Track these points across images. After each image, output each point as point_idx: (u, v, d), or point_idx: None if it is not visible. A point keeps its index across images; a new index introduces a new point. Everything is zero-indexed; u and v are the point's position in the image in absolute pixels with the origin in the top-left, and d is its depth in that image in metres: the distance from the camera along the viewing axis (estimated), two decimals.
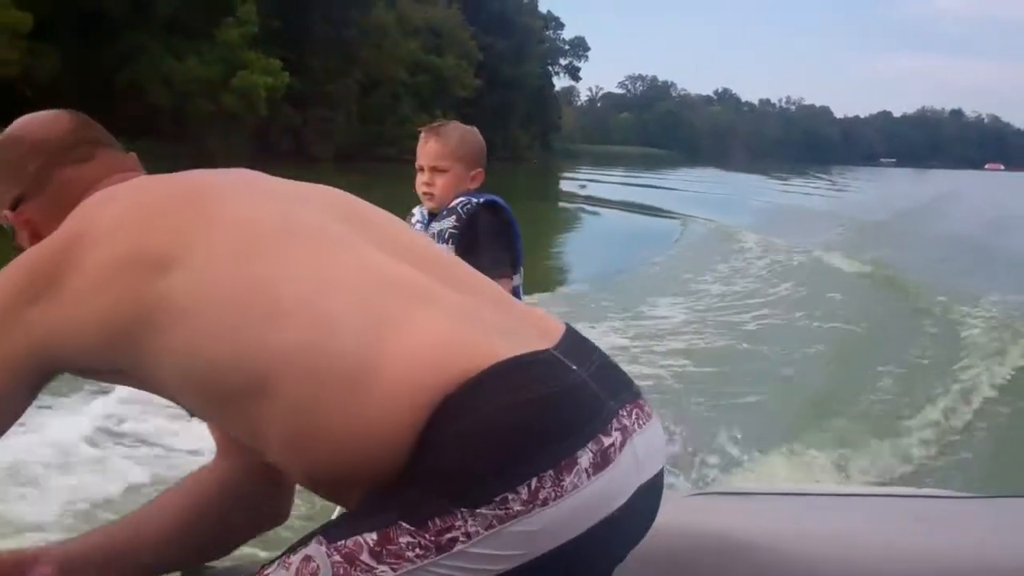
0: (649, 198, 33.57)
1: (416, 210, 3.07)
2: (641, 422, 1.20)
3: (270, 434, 1.17)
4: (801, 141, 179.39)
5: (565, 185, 48.85)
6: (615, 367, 1.27)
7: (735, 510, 2.03)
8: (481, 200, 2.95)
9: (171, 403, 1.30)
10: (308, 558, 1.11)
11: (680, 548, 1.71)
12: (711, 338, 9.29)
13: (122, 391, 5.12)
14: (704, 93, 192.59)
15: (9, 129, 1.44)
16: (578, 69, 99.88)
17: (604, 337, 8.60)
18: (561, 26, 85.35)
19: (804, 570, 1.71)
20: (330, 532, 1.11)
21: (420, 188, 2.99)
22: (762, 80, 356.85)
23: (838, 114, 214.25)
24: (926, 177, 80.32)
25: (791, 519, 1.97)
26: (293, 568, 1.11)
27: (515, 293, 2.91)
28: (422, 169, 2.98)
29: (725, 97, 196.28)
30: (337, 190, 1.40)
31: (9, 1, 36.74)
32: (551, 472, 1.08)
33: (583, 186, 44.41)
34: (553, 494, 1.08)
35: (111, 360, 1.21)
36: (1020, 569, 1.69)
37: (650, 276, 13.74)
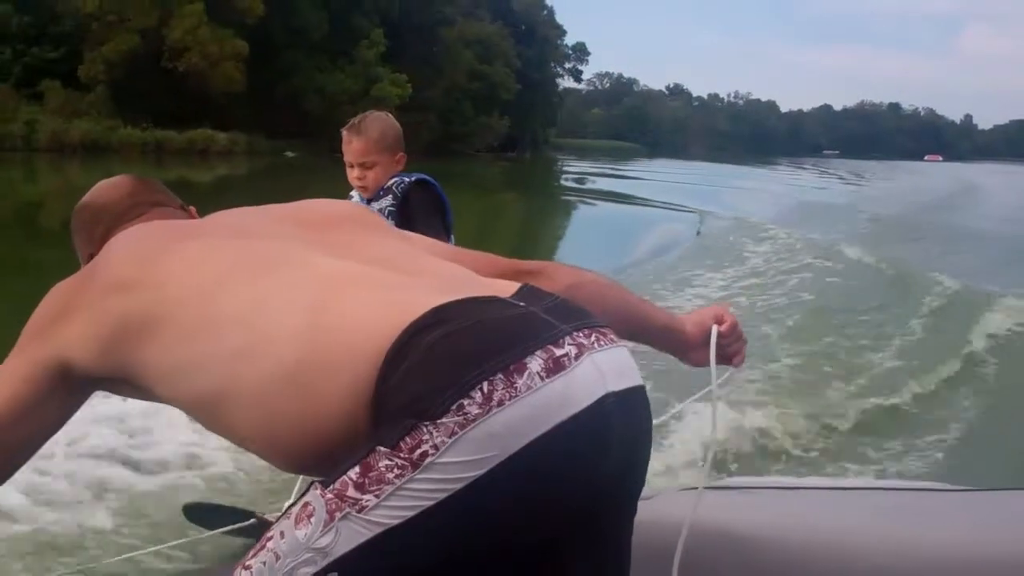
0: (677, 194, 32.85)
1: (354, 194, 3.36)
2: (601, 343, 1.30)
3: (244, 433, 1.34)
4: (750, 134, 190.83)
5: (565, 180, 52.43)
6: (577, 306, 1.37)
7: (726, 504, 2.07)
8: (413, 179, 3.26)
9: None
10: (306, 504, 1.22)
11: (671, 543, 1.76)
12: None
13: None
14: (657, 88, 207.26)
15: (84, 197, 1.76)
16: (580, 72, 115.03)
17: None
18: (564, 33, 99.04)
19: (797, 561, 1.82)
20: (325, 480, 1.22)
21: (354, 183, 3.29)
22: (710, 76, 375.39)
23: (783, 108, 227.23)
24: (895, 167, 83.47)
25: (785, 512, 2.06)
26: (294, 515, 1.23)
27: None
28: (351, 165, 3.27)
29: (677, 92, 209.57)
30: (325, 205, 1.66)
31: (232, 32, 49.69)
32: (501, 376, 1.17)
33: (582, 181, 48.88)
34: (507, 395, 1.17)
35: (110, 369, 1.41)
36: (1009, 560, 1.76)
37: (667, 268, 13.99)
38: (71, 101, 46.78)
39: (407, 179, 3.26)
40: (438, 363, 1.19)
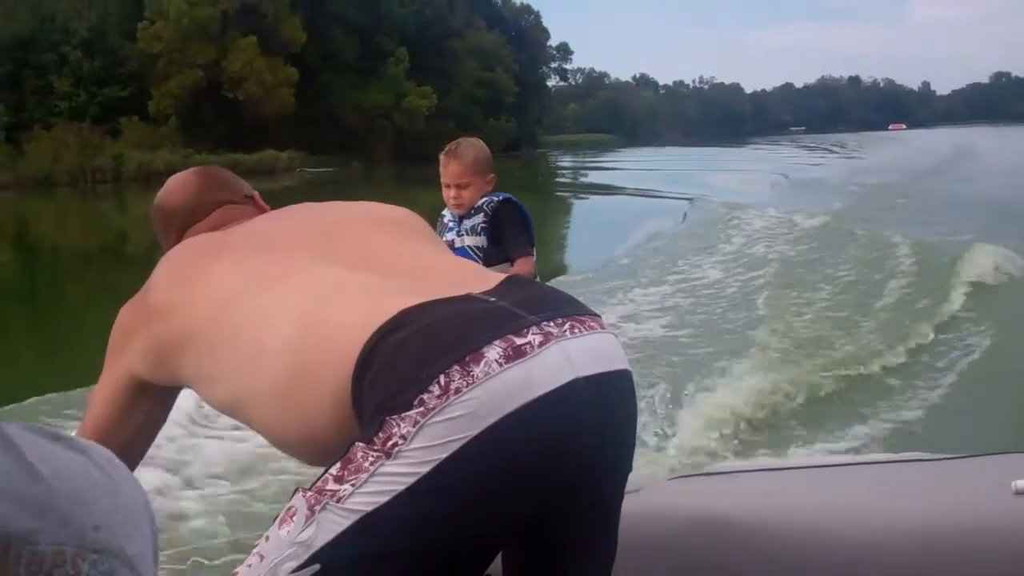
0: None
1: (446, 212, 3.79)
2: (575, 331, 1.37)
3: (261, 431, 1.54)
4: (719, 117, 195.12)
5: (565, 177, 53.26)
6: (557, 297, 1.48)
7: (714, 490, 2.11)
8: (500, 198, 3.67)
9: None
10: (290, 507, 1.31)
11: (662, 531, 1.84)
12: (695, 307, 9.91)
13: None
14: (625, 79, 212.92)
15: (157, 198, 1.95)
16: (566, 71, 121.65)
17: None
18: (549, 35, 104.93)
19: (784, 544, 1.84)
20: (308, 483, 1.32)
21: (449, 201, 3.68)
22: (674, 63, 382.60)
23: (748, 89, 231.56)
24: (865, 138, 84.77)
25: (769, 495, 2.09)
26: (279, 520, 1.32)
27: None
28: (448, 186, 3.66)
29: (644, 82, 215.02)
30: (345, 208, 1.82)
31: (282, 61, 55.17)
32: (457, 367, 1.26)
33: (577, 174, 51.26)
34: (464, 383, 1.26)
35: (167, 380, 1.64)
36: (994, 527, 1.78)
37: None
38: (147, 134, 52.05)
39: (495, 199, 3.64)
40: (400, 364, 1.30)
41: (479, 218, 3.66)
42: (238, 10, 54.82)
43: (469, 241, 3.65)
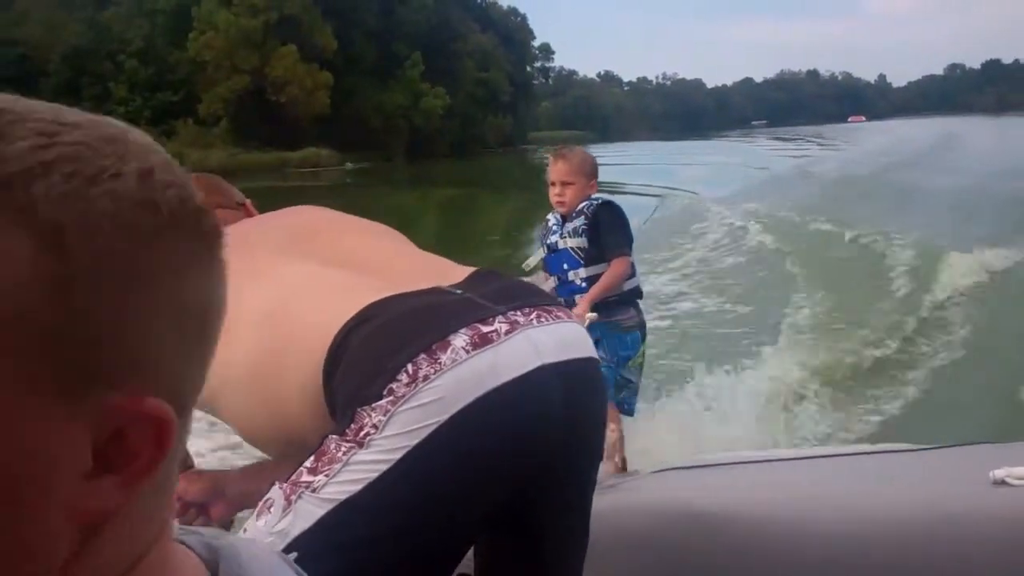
0: None
1: (550, 216, 4.03)
2: (542, 320, 1.42)
3: (237, 429, 1.56)
4: (682, 112, 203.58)
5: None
6: (526, 288, 1.54)
7: (697, 482, 2.13)
8: (600, 202, 3.94)
9: None
10: (267, 499, 1.35)
11: (647, 524, 1.84)
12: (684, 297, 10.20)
13: None
14: (590, 76, 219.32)
15: None
16: (549, 70, 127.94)
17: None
18: (534, 36, 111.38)
19: (767, 535, 1.86)
20: (285, 476, 1.36)
21: (554, 198, 3.91)
22: (637, 60, 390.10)
23: (709, 85, 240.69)
24: (826, 131, 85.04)
25: (752, 486, 2.11)
26: (256, 512, 1.35)
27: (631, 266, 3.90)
28: (554, 183, 3.90)
29: (608, 79, 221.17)
30: (318, 214, 1.84)
31: (317, 67, 61.22)
32: (424, 355, 1.30)
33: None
34: (432, 371, 1.30)
35: None
36: (974, 516, 1.79)
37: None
38: (199, 135, 57.94)
39: (595, 202, 3.97)
40: (367, 357, 1.35)
41: (580, 221, 3.92)
42: (277, 21, 60.74)
43: (571, 243, 3.93)
